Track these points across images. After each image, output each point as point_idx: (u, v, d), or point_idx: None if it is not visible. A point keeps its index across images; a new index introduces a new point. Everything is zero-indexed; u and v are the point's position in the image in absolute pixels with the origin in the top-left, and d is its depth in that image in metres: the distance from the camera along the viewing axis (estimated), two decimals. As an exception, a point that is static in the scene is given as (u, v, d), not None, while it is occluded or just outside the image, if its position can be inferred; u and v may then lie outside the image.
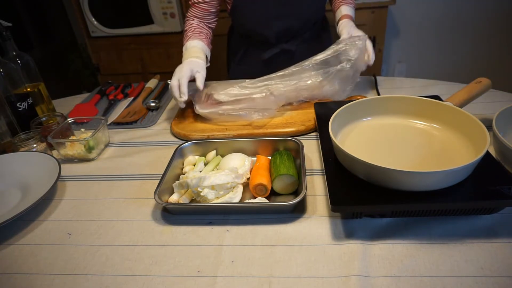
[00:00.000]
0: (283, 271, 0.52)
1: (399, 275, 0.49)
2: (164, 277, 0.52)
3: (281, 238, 0.57)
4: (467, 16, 2.21)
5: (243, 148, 0.75)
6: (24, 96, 0.87)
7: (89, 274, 0.54)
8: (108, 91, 1.17)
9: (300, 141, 0.72)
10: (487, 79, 0.76)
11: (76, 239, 0.61)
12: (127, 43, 2.13)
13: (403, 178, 0.52)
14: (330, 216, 0.60)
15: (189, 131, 0.88)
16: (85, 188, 0.74)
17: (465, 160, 0.52)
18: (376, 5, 1.92)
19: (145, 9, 1.99)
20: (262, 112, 0.86)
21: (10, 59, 0.88)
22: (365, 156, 0.54)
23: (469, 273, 0.48)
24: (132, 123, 0.98)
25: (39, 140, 0.84)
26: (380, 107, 0.74)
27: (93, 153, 0.83)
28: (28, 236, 0.63)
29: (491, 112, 0.84)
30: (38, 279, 0.54)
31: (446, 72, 2.40)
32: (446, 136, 0.67)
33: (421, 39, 2.33)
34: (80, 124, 0.96)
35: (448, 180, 0.53)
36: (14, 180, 0.75)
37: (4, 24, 0.91)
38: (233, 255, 0.55)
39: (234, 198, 0.63)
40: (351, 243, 0.55)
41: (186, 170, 0.73)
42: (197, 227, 0.61)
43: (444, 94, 0.81)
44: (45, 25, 2.43)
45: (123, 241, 0.59)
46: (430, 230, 0.55)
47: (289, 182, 0.64)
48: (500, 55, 2.30)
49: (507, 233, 0.54)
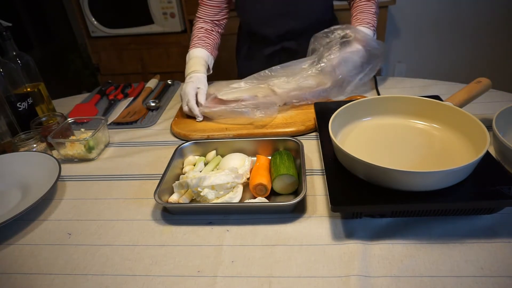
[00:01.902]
0: (283, 271, 0.52)
1: (399, 275, 0.49)
2: (164, 277, 0.52)
3: (281, 238, 0.57)
4: (467, 16, 2.21)
5: (243, 148, 0.75)
6: (24, 96, 0.87)
7: (89, 274, 0.54)
8: (108, 91, 1.17)
9: (300, 141, 0.72)
10: (487, 79, 0.76)
11: (76, 239, 0.61)
12: (127, 43, 2.13)
13: (403, 178, 0.52)
14: (330, 216, 0.60)
15: (189, 131, 0.88)
16: (85, 188, 0.74)
17: (465, 160, 0.52)
18: (376, 5, 1.91)
19: (145, 9, 1.99)
20: (264, 110, 0.86)
21: (10, 59, 0.88)
22: (365, 156, 0.54)
23: (469, 273, 0.48)
24: (132, 123, 0.98)
25: (39, 140, 0.84)
26: (380, 107, 0.74)
27: (93, 153, 0.83)
28: (28, 236, 0.63)
29: (491, 112, 0.84)
30: (38, 279, 0.54)
31: (446, 72, 2.40)
32: (446, 136, 0.67)
33: (421, 39, 2.33)
34: (80, 124, 0.96)
35: (448, 180, 0.53)
36: (14, 180, 0.75)
37: (4, 24, 0.91)
38: (233, 255, 0.55)
39: (234, 198, 0.63)
40: (351, 243, 0.55)
41: (186, 170, 0.73)
42: (197, 227, 0.61)
43: (444, 94, 0.81)
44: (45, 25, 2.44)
45: (123, 241, 0.59)
46: (430, 230, 0.55)
47: (289, 182, 0.64)
48: (500, 55, 2.30)
49: (507, 233, 0.54)
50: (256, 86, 0.93)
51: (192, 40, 1.05)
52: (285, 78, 0.91)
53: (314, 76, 0.91)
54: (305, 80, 0.90)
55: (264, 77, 0.94)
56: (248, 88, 0.93)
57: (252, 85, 0.94)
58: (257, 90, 0.91)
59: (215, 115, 0.89)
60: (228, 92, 0.92)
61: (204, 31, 1.05)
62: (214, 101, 0.93)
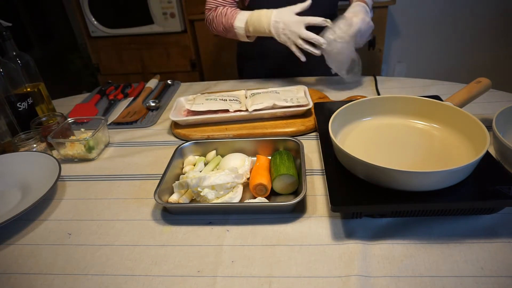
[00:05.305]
0: (283, 271, 0.52)
1: (399, 275, 0.49)
2: (164, 277, 0.52)
3: (281, 238, 0.57)
4: (467, 16, 2.21)
5: (243, 148, 0.75)
6: (24, 96, 0.87)
7: (89, 274, 0.54)
8: (108, 91, 1.17)
9: (300, 141, 0.72)
10: (487, 79, 0.76)
11: (76, 239, 0.61)
12: (127, 43, 2.13)
13: (403, 178, 0.52)
14: (330, 216, 0.60)
15: (189, 131, 0.88)
16: (85, 188, 0.74)
17: (465, 160, 0.52)
18: (376, 5, 1.91)
19: (145, 9, 1.99)
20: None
21: (10, 59, 0.88)
22: (365, 156, 0.54)
23: (469, 273, 0.48)
24: (132, 123, 0.98)
25: (39, 140, 0.84)
26: (380, 107, 0.74)
27: (93, 153, 0.83)
28: (28, 236, 0.63)
29: (491, 112, 0.84)
30: (38, 279, 0.54)
31: (446, 72, 2.40)
32: (446, 136, 0.67)
33: (421, 39, 2.33)
34: (80, 124, 0.96)
35: (448, 180, 0.53)
36: (14, 180, 0.75)
37: (4, 24, 0.91)
38: (233, 255, 0.55)
39: (234, 198, 0.63)
40: (351, 243, 0.55)
41: (186, 170, 0.73)
42: (197, 227, 0.61)
43: (444, 94, 0.81)
44: (45, 25, 2.44)
45: (123, 241, 0.59)
46: (430, 230, 0.55)
47: (289, 182, 0.64)
48: (500, 55, 2.30)
49: (507, 233, 0.54)
50: (230, 99, 0.92)
51: (227, 16, 1.00)
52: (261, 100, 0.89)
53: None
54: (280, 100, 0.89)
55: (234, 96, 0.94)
56: (220, 102, 0.91)
57: (224, 99, 0.92)
58: (229, 104, 0.90)
59: (185, 123, 0.90)
60: (199, 105, 0.90)
61: (229, 8, 1.03)
62: (188, 112, 0.92)
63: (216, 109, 0.88)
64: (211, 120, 0.89)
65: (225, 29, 1.03)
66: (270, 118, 0.89)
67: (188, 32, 2.04)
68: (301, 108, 0.86)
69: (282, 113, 0.88)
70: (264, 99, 0.89)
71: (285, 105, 0.87)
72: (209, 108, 0.88)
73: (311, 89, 1.02)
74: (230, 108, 0.88)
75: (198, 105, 0.89)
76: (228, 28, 1.01)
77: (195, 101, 0.93)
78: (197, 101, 0.91)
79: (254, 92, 0.95)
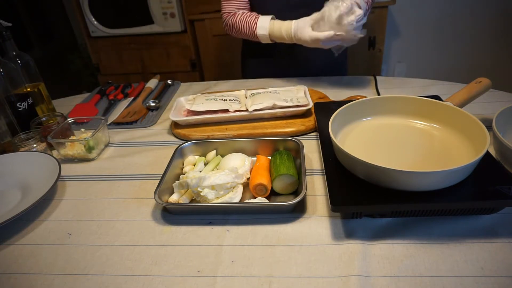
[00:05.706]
0: (283, 271, 0.52)
1: (399, 275, 0.49)
2: (164, 277, 0.52)
3: (281, 238, 0.57)
4: (467, 16, 2.21)
5: (243, 148, 0.75)
6: (24, 96, 0.87)
7: (89, 274, 0.54)
8: (108, 91, 1.17)
9: (300, 141, 0.72)
10: (487, 79, 0.76)
11: (76, 239, 0.61)
12: (127, 43, 2.13)
13: (403, 178, 0.52)
14: (330, 216, 0.60)
15: (189, 131, 0.88)
16: (85, 188, 0.74)
17: (465, 160, 0.52)
18: (376, 5, 1.91)
19: (145, 9, 1.99)
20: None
21: (10, 59, 0.88)
22: (365, 156, 0.54)
23: (469, 273, 0.48)
24: (132, 123, 0.98)
25: (39, 140, 0.84)
26: (380, 107, 0.74)
27: (93, 153, 0.83)
28: (28, 236, 0.63)
29: (491, 112, 0.84)
30: (38, 279, 0.54)
31: (446, 72, 2.40)
32: (446, 136, 0.67)
33: (421, 39, 2.33)
34: (80, 124, 0.96)
35: (448, 180, 0.53)
36: (14, 180, 0.75)
37: (4, 24, 0.91)
38: (233, 255, 0.55)
39: (234, 198, 0.63)
40: (351, 243, 0.55)
41: (186, 170, 0.73)
42: (197, 227, 0.61)
43: (444, 94, 0.81)
44: (45, 25, 2.44)
45: (123, 241, 0.59)
46: (430, 230, 0.55)
47: (289, 182, 0.64)
48: (500, 55, 2.30)
49: (507, 233, 0.54)
50: (231, 99, 0.92)
51: (247, 21, 1.05)
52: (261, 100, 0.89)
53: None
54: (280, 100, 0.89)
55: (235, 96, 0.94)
56: (220, 102, 0.90)
57: (225, 99, 0.92)
58: (230, 105, 0.90)
59: (185, 123, 0.89)
60: (199, 105, 0.90)
61: (247, 12, 1.07)
62: (188, 112, 0.92)
63: (216, 109, 0.88)
64: (211, 120, 0.89)
65: (248, 36, 1.08)
66: (270, 118, 0.89)
67: (188, 32, 2.04)
68: (301, 108, 0.87)
69: (282, 113, 0.88)
70: (264, 99, 0.89)
71: (285, 105, 0.87)
72: (209, 108, 0.88)
73: (311, 89, 1.02)
74: (230, 108, 0.89)
75: (198, 105, 0.90)
76: (250, 35, 1.07)
77: (195, 101, 0.93)
78: (197, 101, 0.92)
79: (254, 92, 0.95)
